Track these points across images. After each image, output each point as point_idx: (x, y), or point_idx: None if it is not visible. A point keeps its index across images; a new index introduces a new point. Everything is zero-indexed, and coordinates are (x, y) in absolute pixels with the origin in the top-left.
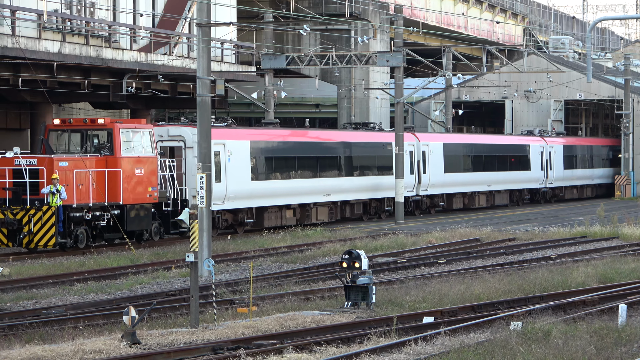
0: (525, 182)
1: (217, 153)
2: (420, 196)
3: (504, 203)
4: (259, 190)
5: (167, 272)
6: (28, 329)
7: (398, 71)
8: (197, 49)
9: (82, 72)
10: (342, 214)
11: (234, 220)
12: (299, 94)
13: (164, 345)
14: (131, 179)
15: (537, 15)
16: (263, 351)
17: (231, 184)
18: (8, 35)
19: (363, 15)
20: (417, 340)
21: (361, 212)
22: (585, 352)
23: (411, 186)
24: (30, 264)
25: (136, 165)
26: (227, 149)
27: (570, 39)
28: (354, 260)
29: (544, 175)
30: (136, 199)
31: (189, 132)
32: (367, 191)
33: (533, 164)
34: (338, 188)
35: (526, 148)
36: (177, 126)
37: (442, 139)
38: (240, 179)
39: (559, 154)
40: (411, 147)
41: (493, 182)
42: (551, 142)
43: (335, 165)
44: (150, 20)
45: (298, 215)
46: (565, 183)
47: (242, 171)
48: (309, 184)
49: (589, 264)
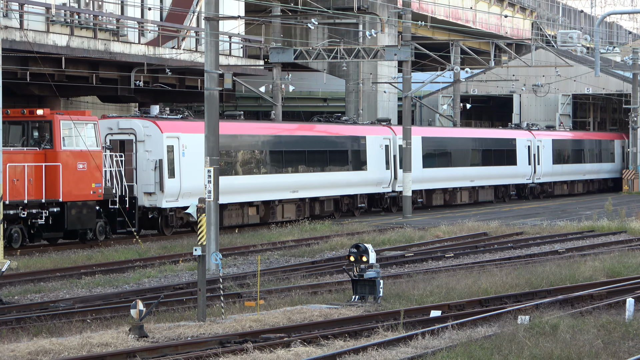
0: (511, 178)
1: (171, 147)
2: (397, 192)
3: (488, 199)
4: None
5: (175, 265)
6: (36, 322)
7: (406, 65)
8: (205, 42)
9: (90, 65)
10: (312, 212)
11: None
12: (307, 88)
13: (172, 339)
14: (72, 175)
15: (545, 9)
16: (270, 345)
17: (186, 180)
18: (16, 29)
19: (371, 9)
20: (424, 334)
21: (332, 209)
22: (592, 346)
23: (387, 182)
24: (38, 257)
25: (78, 160)
26: (181, 143)
27: (578, 33)
28: (362, 254)
29: (532, 170)
30: (78, 195)
31: (140, 125)
32: (339, 187)
33: (520, 158)
34: (306, 184)
35: (512, 142)
36: (128, 118)
37: (421, 132)
38: (197, 175)
39: (548, 149)
40: (387, 141)
41: (476, 178)
42: (539, 136)
43: (303, 160)
44: (159, 14)
45: (262, 213)
46: (554, 178)
47: (198, 166)
48: (274, 179)
49: (596, 258)
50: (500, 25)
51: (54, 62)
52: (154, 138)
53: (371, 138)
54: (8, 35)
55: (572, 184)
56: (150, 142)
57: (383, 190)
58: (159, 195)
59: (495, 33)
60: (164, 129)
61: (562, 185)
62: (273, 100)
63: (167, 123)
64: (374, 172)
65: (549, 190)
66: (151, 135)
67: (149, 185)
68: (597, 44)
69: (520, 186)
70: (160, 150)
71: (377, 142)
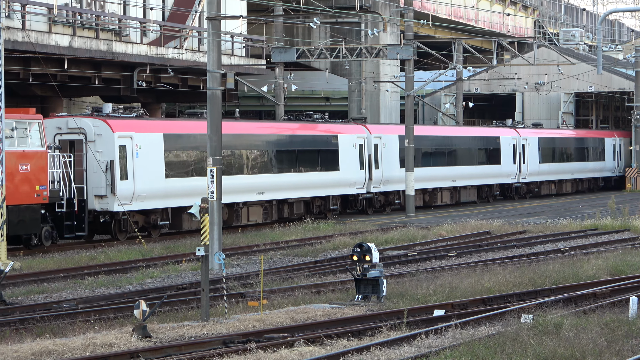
0: (495, 177)
1: (123, 147)
2: (372, 193)
3: (470, 200)
4: (175, 189)
5: (178, 265)
6: (39, 322)
7: (408, 64)
8: (208, 42)
9: (93, 65)
10: (280, 214)
11: (146, 223)
12: (309, 87)
13: (175, 339)
14: (14, 177)
15: (548, 8)
16: (274, 344)
17: (140, 182)
18: (18, 29)
19: (373, 8)
20: (427, 333)
21: (302, 211)
22: (596, 344)
23: (361, 183)
24: (41, 258)
25: (20, 161)
26: (134, 143)
27: (580, 31)
28: (365, 254)
29: (517, 170)
30: (20, 199)
31: (90, 124)
32: (309, 189)
33: (504, 157)
34: (272, 186)
35: (496, 140)
36: (77, 117)
37: (398, 131)
38: (152, 176)
39: (534, 147)
40: (360, 140)
41: (457, 178)
42: (525, 134)
43: (269, 160)
44: (161, 14)
45: (225, 215)
46: (541, 178)
47: (154, 167)
48: (237, 181)
49: (599, 256)
50: (502, 23)
51: (56, 63)
52: (105, 138)
53: (344, 137)
54: (10, 36)
55: (560, 184)
56: (101, 142)
57: (357, 191)
58: (110, 198)
59: (497, 31)
60: (116, 128)
61: (550, 185)
62: (275, 99)
63: (119, 122)
64: (347, 173)
65: (536, 190)
66: (102, 134)
67: (99, 187)
68: (599, 42)
69: (505, 186)
70: (111, 151)
71: (350, 142)
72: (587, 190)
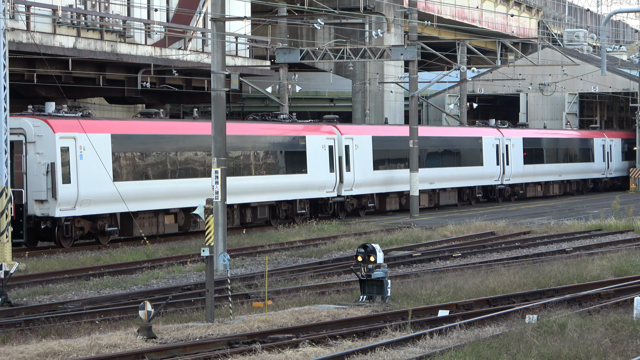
0: (477, 179)
1: (65, 149)
2: (344, 197)
3: (451, 202)
4: (125, 193)
5: (183, 266)
6: (44, 323)
7: (412, 65)
8: (212, 43)
9: (97, 67)
10: (242, 219)
11: (92, 229)
12: (314, 88)
13: (180, 340)
14: None
15: (552, 8)
16: (279, 345)
17: (85, 186)
18: (23, 31)
19: (377, 9)
20: (432, 333)
21: (267, 216)
22: (600, 345)
23: (331, 186)
24: (46, 259)
25: None
26: (78, 144)
27: (584, 32)
28: (369, 254)
29: (500, 171)
30: None
31: (30, 124)
32: (274, 192)
33: (486, 158)
34: (233, 189)
35: (478, 141)
36: (16, 117)
37: (371, 131)
38: (98, 180)
39: (518, 148)
40: (331, 142)
41: (436, 180)
42: (509, 134)
43: (229, 162)
44: (165, 15)
45: (181, 221)
46: (525, 179)
47: (100, 170)
48: (193, 184)
49: (604, 257)
50: (506, 24)
51: (61, 64)
52: (46, 139)
53: (312, 138)
54: (15, 37)
55: (546, 185)
56: (41, 143)
57: (327, 194)
58: (51, 203)
59: (501, 32)
60: (57, 128)
61: (536, 187)
62: (280, 100)
63: (62, 122)
64: (315, 175)
65: (521, 192)
66: (42, 135)
67: (40, 192)
68: (603, 43)
69: (488, 188)
70: (52, 153)
71: (319, 143)
72: (575, 192)
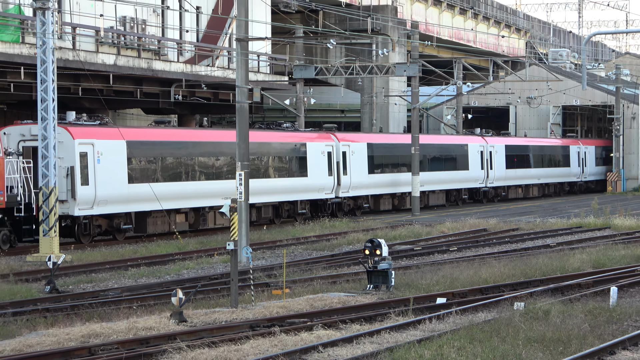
0: (464, 182)
1: (84, 154)
2: (341, 198)
3: (439, 203)
4: (139, 194)
5: (210, 258)
6: (87, 308)
7: (414, 80)
8: (236, 61)
9: (135, 81)
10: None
11: (109, 226)
12: (327, 101)
13: (208, 323)
14: None
15: (538, 30)
16: (295, 328)
17: (102, 187)
18: (69, 49)
19: (383, 31)
20: (431, 318)
21: (271, 215)
22: (580, 329)
23: (329, 188)
24: (90, 252)
25: None
26: (96, 150)
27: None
28: (375, 248)
29: (484, 175)
30: None
31: None
32: (278, 194)
33: (472, 163)
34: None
35: (464, 148)
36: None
37: (366, 139)
38: (115, 182)
39: (501, 154)
40: (329, 148)
41: (426, 183)
42: (492, 142)
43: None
44: (195, 36)
45: (191, 220)
46: (507, 182)
47: (116, 173)
48: (203, 186)
49: (584, 251)
50: (498, 44)
51: (103, 79)
52: (66, 144)
53: (312, 145)
54: (62, 55)
55: (527, 188)
56: (62, 148)
57: (326, 196)
58: (71, 203)
59: (493, 51)
60: (76, 135)
61: (517, 189)
62: (297, 111)
63: (80, 129)
64: (315, 179)
65: (503, 194)
66: (63, 141)
67: (61, 192)
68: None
69: (473, 190)
70: (72, 157)
71: (319, 149)
72: (553, 194)
